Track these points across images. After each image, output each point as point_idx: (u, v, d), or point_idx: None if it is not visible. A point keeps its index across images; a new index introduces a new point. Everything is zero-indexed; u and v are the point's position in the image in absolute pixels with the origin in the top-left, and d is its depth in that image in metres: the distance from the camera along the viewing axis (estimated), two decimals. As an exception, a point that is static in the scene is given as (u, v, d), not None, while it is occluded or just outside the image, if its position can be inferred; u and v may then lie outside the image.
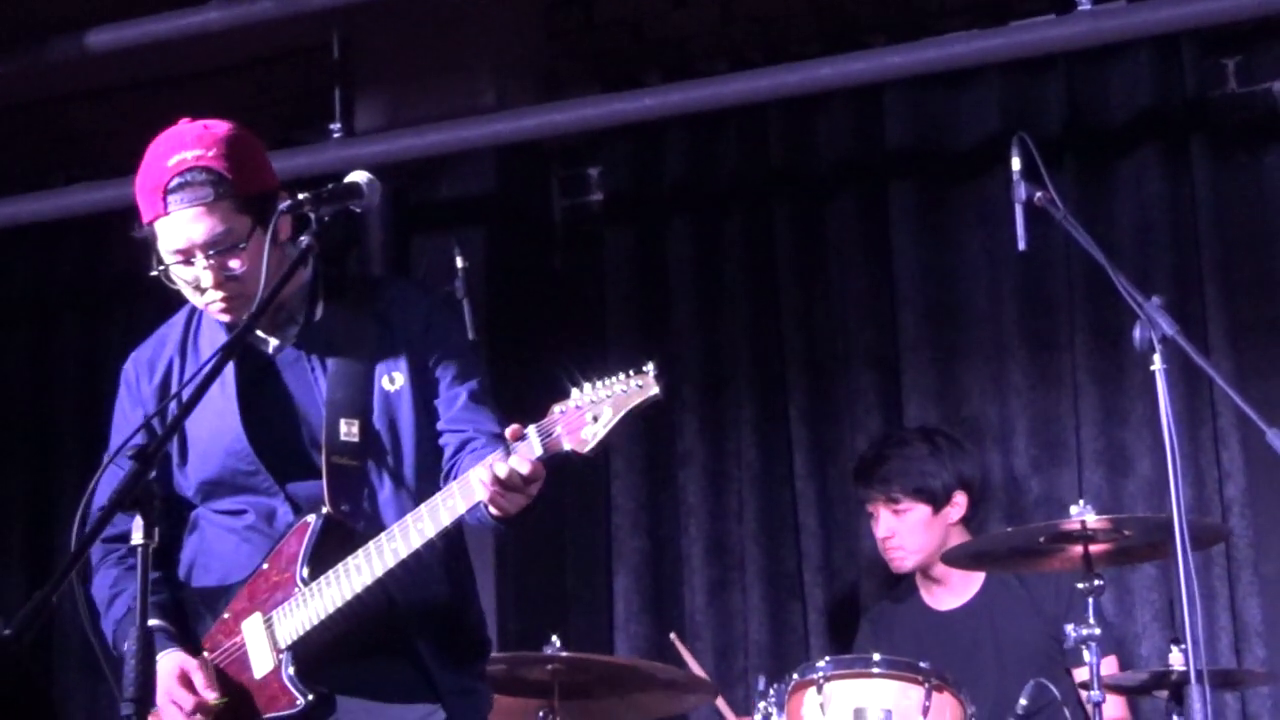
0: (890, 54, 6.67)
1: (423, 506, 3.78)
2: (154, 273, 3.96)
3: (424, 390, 4.03)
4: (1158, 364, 4.61)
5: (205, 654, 3.98)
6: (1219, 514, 6.19)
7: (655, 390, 3.60)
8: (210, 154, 3.89)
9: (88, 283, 7.84)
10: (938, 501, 6.04)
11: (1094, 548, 5.13)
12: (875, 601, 6.44)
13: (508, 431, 3.67)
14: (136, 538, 3.37)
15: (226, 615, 3.99)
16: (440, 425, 4.02)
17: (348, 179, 3.95)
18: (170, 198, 3.88)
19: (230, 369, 3.98)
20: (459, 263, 6.06)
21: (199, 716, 3.91)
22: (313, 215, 3.86)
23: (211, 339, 4.11)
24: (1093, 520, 5.07)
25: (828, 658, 5.34)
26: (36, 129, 8.09)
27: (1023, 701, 5.30)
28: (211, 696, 3.91)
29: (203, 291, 3.94)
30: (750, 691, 5.37)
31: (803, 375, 6.80)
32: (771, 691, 5.30)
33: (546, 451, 3.61)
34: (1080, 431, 6.42)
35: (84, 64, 7.28)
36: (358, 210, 3.96)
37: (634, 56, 7.25)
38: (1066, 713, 5.41)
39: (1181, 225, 6.40)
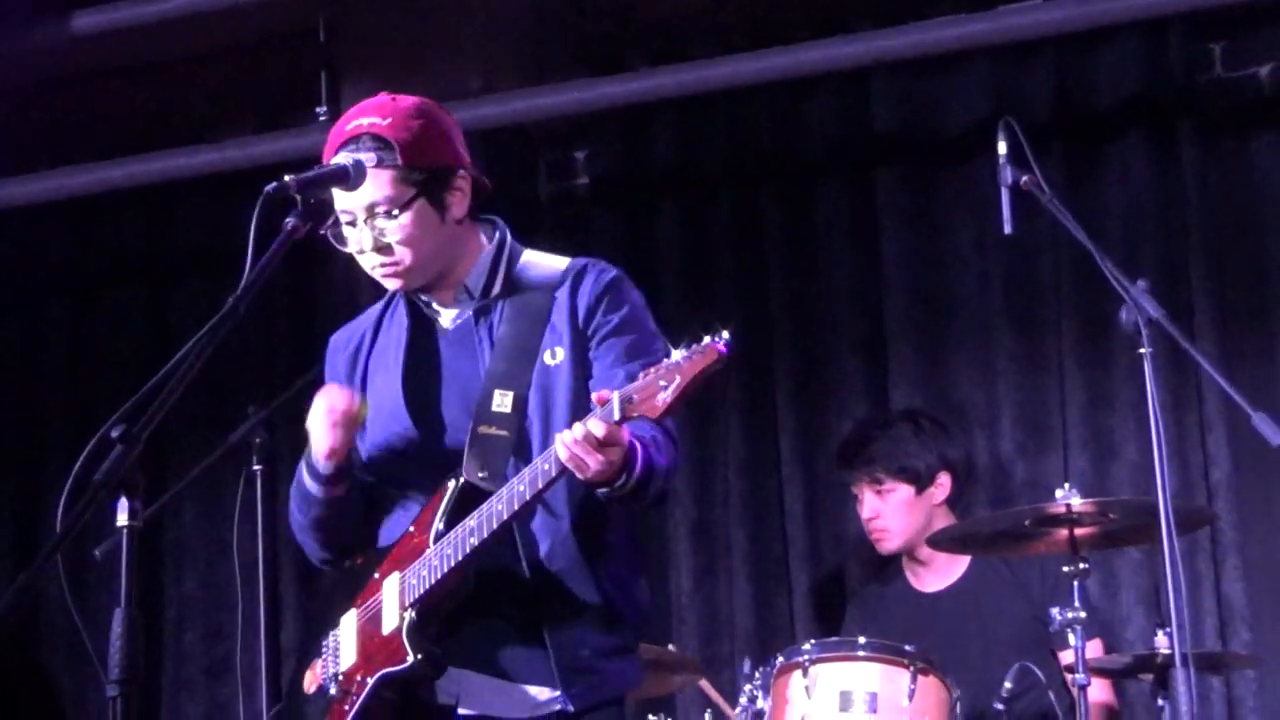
0: (878, 38, 6.68)
1: (526, 469, 3.82)
2: (322, 231, 4.02)
3: (584, 368, 4.06)
4: (1144, 348, 4.62)
5: (355, 611, 4.07)
6: (1204, 498, 6.20)
7: (716, 355, 3.62)
8: (385, 122, 4.02)
9: (76, 267, 7.83)
10: (921, 482, 6.06)
11: (1079, 531, 5.14)
12: (861, 585, 6.46)
13: (594, 397, 3.72)
14: (122, 519, 3.38)
15: (376, 575, 4.07)
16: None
17: (334, 162, 3.97)
18: (338, 158, 3.99)
19: (404, 339, 4.13)
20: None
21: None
22: (298, 198, 3.88)
23: (399, 316, 4.20)
24: (1078, 504, 5.08)
25: (813, 641, 5.35)
26: (21, 113, 8.07)
27: (1008, 684, 5.31)
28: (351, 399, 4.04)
29: (363, 254, 4.02)
30: (736, 675, 5.37)
31: (789, 360, 6.81)
32: (757, 675, 5.31)
33: (624, 416, 3.64)
34: (1066, 416, 6.44)
35: (70, 48, 7.26)
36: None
37: (621, 40, 7.24)
38: (1051, 696, 5.42)
39: (1168, 210, 6.41)
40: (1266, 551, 6.27)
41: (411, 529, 4.03)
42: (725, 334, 3.64)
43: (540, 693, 3.98)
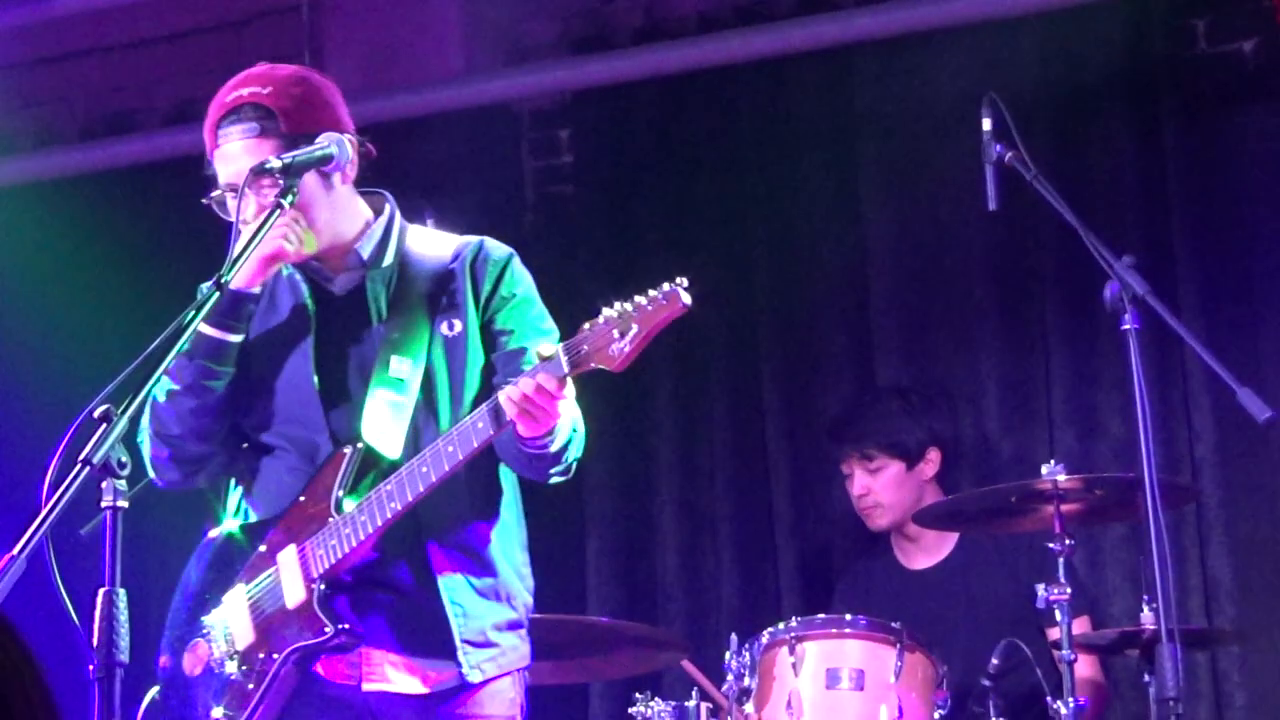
0: (861, 15, 6.67)
1: (453, 430, 3.83)
2: (205, 201, 4.05)
3: (485, 343, 4.09)
4: (1129, 324, 4.62)
5: (242, 586, 4.03)
6: (1190, 474, 6.20)
7: (683, 303, 3.67)
8: (266, 91, 4.03)
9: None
10: (911, 457, 6.07)
11: (1065, 507, 5.14)
12: (848, 562, 6.46)
13: (534, 351, 3.73)
14: (107, 500, 3.37)
15: (263, 548, 4.03)
16: (496, 380, 4.05)
17: (317, 141, 3.98)
18: (221, 130, 4.03)
19: (310, 304, 4.11)
20: (428, 225, 6.04)
21: None
22: (282, 180, 3.90)
23: (288, 280, 4.18)
24: (1064, 480, 5.09)
25: (800, 618, 5.35)
26: (5, 93, 8.05)
27: (995, 661, 5.32)
28: None
29: (249, 225, 3.98)
30: (722, 652, 5.37)
31: (774, 337, 6.80)
32: (744, 652, 5.31)
33: (574, 369, 3.66)
34: (1051, 392, 6.43)
35: (51, 27, 7.24)
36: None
37: (604, 18, 7.23)
38: (1039, 672, 5.42)
39: (1152, 186, 6.41)
40: (1252, 527, 6.27)
41: (303, 498, 4.00)
42: (685, 281, 3.66)
43: (441, 666, 3.99)
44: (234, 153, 4.01)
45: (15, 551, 3.25)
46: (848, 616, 5.33)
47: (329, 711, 4.00)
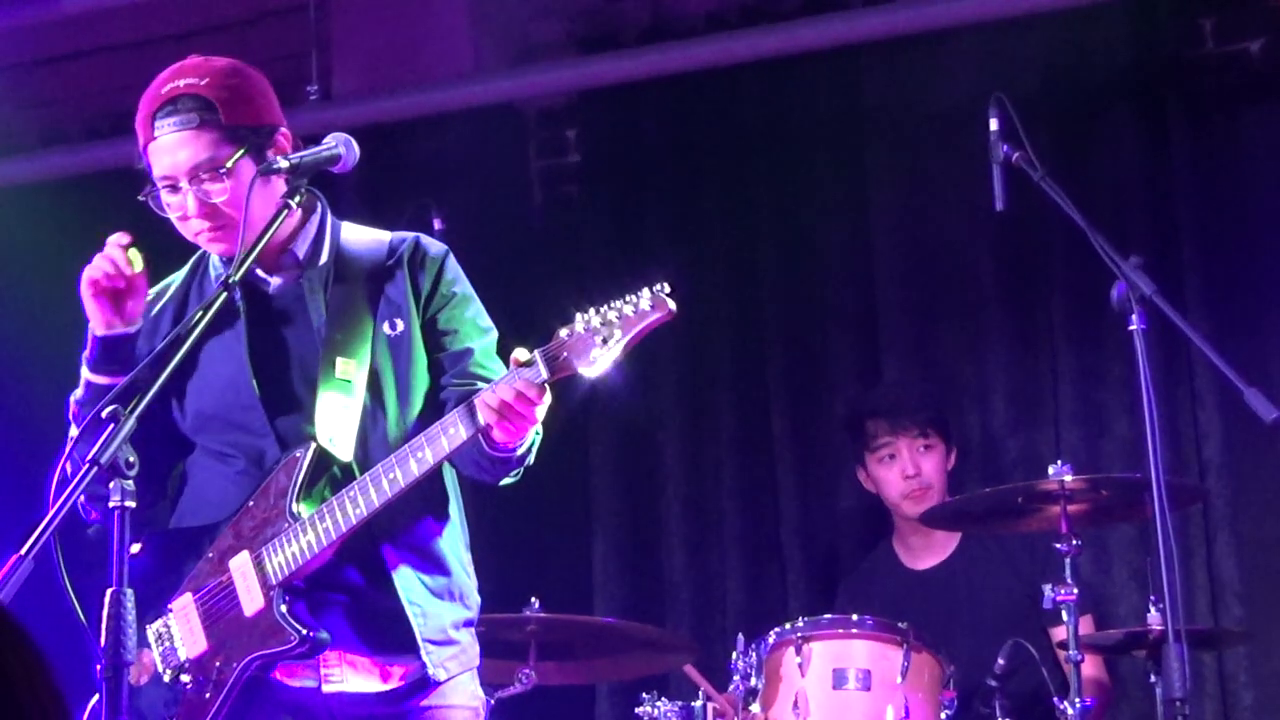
0: (868, 15, 6.67)
1: (422, 436, 3.78)
2: (141, 197, 3.98)
3: (427, 341, 4.04)
4: (1136, 324, 4.61)
5: (190, 595, 3.95)
6: (1197, 474, 6.20)
7: (668, 309, 3.61)
8: (202, 82, 3.94)
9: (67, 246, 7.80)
10: (949, 443, 6.09)
11: (1072, 507, 5.14)
12: (854, 562, 6.46)
13: (512, 356, 3.68)
14: (115, 501, 3.38)
15: (211, 554, 3.96)
16: (444, 380, 4.02)
17: (325, 141, 3.97)
18: (157, 122, 3.94)
19: (241, 305, 4.01)
20: (436, 225, 6.05)
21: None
22: (289, 180, 3.89)
23: (219, 280, 4.10)
24: (1070, 480, 5.08)
25: (806, 618, 5.35)
26: (11, 93, 8.05)
27: (1001, 661, 5.32)
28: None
29: (187, 220, 3.96)
30: (729, 652, 5.37)
31: (781, 335, 6.80)
32: (750, 652, 5.31)
33: (553, 375, 3.62)
34: (1058, 392, 6.43)
35: (56, 27, 7.24)
36: (335, 172, 3.98)
37: (611, 18, 7.23)
38: (1044, 672, 5.42)
39: (1159, 186, 6.41)
40: (1258, 527, 6.27)
41: (251, 503, 3.93)
42: (667, 287, 3.63)
43: (404, 661, 3.94)
44: (170, 144, 3.92)
45: (23, 552, 3.26)
46: (854, 617, 5.32)
47: (287, 716, 3.95)
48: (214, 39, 7.59)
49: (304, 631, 3.82)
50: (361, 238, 4.16)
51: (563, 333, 3.63)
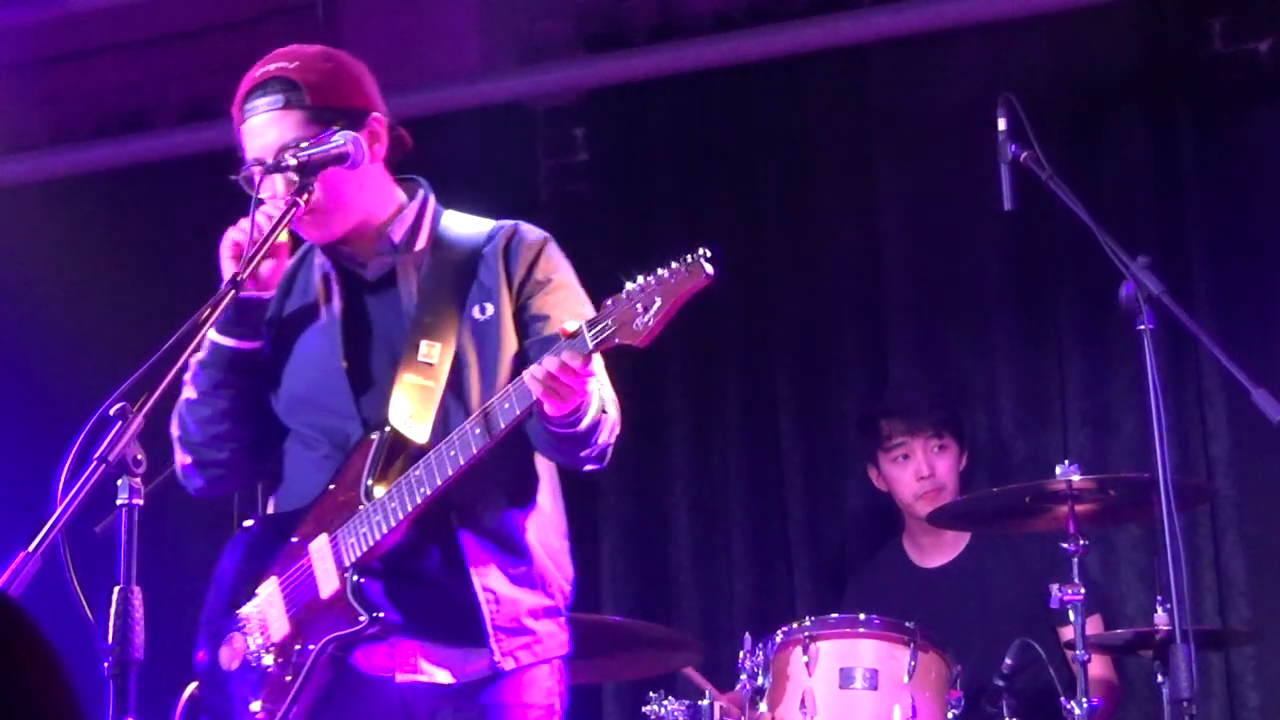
0: (876, 15, 6.67)
1: (480, 412, 3.78)
2: (234, 178, 4.00)
3: (519, 328, 4.03)
4: (1144, 324, 4.61)
5: (275, 579, 4.00)
6: (1204, 474, 6.20)
7: (706, 273, 3.66)
8: (292, 66, 3.98)
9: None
10: (962, 444, 6.09)
11: (1079, 507, 5.14)
12: (861, 561, 6.46)
13: (559, 329, 3.68)
14: (122, 498, 3.38)
15: (295, 539, 3.99)
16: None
17: (332, 139, 3.96)
18: (246, 105, 3.99)
19: (339, 290, 4.06)
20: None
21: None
22: (298, 177, 3.89)
23: (317, 264, 4.16)
24: (1078, 480, 5.08)
25: (813, 618, 5.34)
26: (20, 90, 8.06)
27: (1008, 660, 5.31)
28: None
29: (277, 202, 3.96)
30: (736, 651, 5.37)
31: (788, 335, 6.80)
32: (758, 651, 5.31)
33: (598, 345, 3.61)
34: (1066, 392, 6.43)
35: (66, 25, 7.25)
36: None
37: (619, 16, 7.23)
38: (1052, 671, 5.42)
39: (1167, 186, 6.40)
40: (1266, 527, 6.26)
41: (332, 486, 3.96)
42: (707, 252, 3.64)
43: (472, 655, 3.93)
44: (259, 126, 3.96)
45: (30, 549, 3.26)
46: (861, 616, 5.32)
47: (364, 703, 3.95)
48: (222, 37, 7.61)
49: (374, 613, 3.84)
50: (463, 225, 4.18)
51: (608, 302, 3.65)
